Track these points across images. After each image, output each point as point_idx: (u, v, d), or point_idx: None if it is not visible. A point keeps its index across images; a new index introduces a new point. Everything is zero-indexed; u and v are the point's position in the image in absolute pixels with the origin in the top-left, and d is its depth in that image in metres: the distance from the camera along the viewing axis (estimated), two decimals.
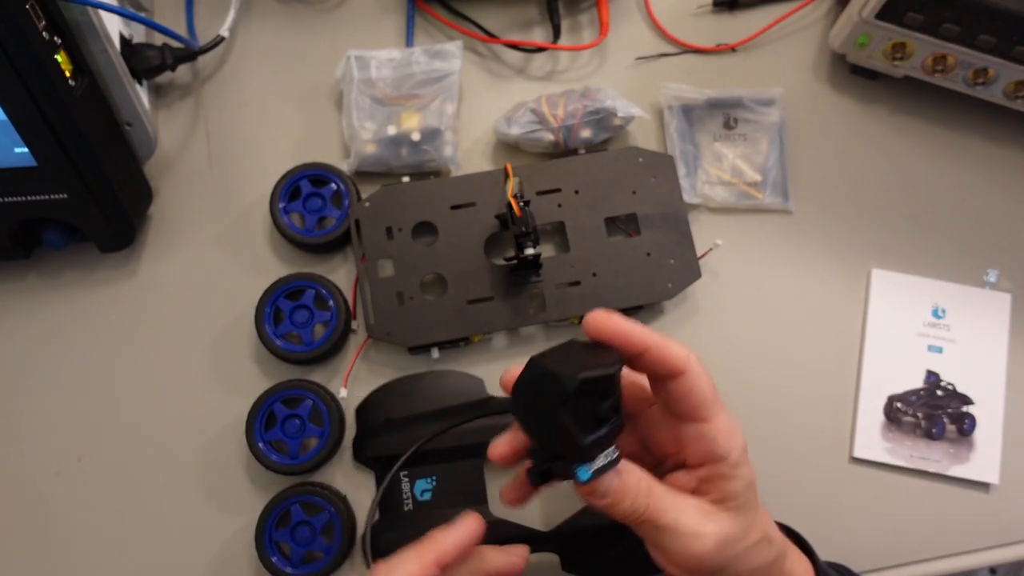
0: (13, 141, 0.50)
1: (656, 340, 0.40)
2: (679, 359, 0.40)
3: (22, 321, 0.61)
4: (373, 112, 0.61)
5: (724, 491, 0.40)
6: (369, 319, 0.58)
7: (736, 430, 0.41)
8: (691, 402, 0.40)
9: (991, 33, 0.57)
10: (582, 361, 0.36)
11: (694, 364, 0.40)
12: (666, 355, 0.40)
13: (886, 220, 0.64)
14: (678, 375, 0.40)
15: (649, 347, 0.40)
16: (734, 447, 0.40)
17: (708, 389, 0.40)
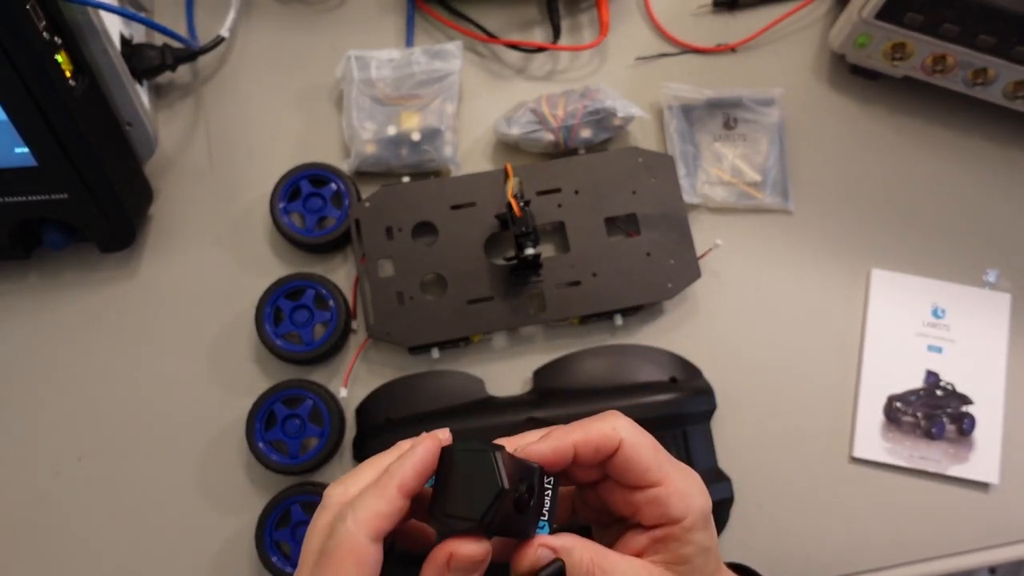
0: (13, 141, 0.50)
1: (576, 437, 0.38)
2: (605, 439, 0.38)
3: (22, 321, 0.61)
4: (373, 112, 0.61)
5: (676, 554, 0.39)
6: (369, 319, 0.58)
7: (694, 494, 0.39)
8: (634, 473, 0.39)
9: (991, 33, 0.57)
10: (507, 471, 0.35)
11: (625, 435, 0.39)
12: (593, 443, 0.38)
13: (886, 220, 0.64)
14: (613, 453, 0.39)
15: (575, 447, 0.38)
16: (690, 510, 0.38)
17: (648, 456, 0.39)
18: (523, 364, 0.60)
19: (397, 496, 0.36)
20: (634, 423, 0.40)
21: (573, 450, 0.38)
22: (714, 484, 0.57)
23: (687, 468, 0.40)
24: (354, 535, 0.35)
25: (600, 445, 0.38)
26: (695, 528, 0.38)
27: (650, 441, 0.39)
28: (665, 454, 0.39)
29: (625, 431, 0.39)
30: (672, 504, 0.38)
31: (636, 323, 0.61)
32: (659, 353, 0.60)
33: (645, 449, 0.39)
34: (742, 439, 0.59)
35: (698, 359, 0.60)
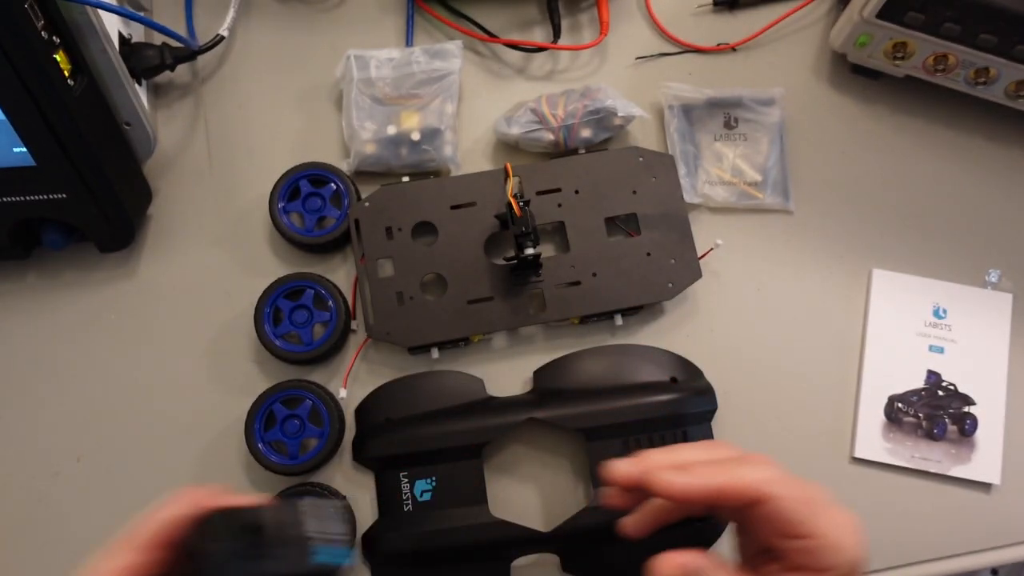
0: (12, 141, 0.50)
1: (722, 481, 0.38)
2: (750, 492, 0.38)
3: (21, 321, 0.61)
4: (373, 112, 0.61)
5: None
6: (369, 319, 0.58)
7: (846, 547, 0.38)
8: (781, 526, 0.38)
9: (992, 32, 0.56)
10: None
11: (775, 488, 0.38)
12: (739, 491, 0.38)
13: (887, 220, 0.64)
14: (757, 505, 0.38)
15: (720, 491, 0.38)
16: (836, 564, 0.38)
17: (798, 512, 0.38)
18: (523, 364, 0.60)
19: (132, 551, 0.35)
20: (786, 473, 0.38)
21: (717, 494, 0.38)
22: None
23: (844, 515, 0.39)
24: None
25: (745, 495, 0.38)
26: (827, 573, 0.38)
27: (802, 494, 0.38)
28: (821, 503, 0.38)
29: (776, 486, 0.38)
30: (821, 556, 0.38)
31: (636, 323, 0.61)
32: (659, 353, 0.60)
33: (796, 504, 0.38)
34: (743, 439, 0.59)
35: (698, 359, 0.60)
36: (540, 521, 0.57)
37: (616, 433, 0.56)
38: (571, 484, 0.58)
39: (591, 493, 0.56)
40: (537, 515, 0.58)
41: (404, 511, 0.56)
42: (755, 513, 0.38)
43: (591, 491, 0.56)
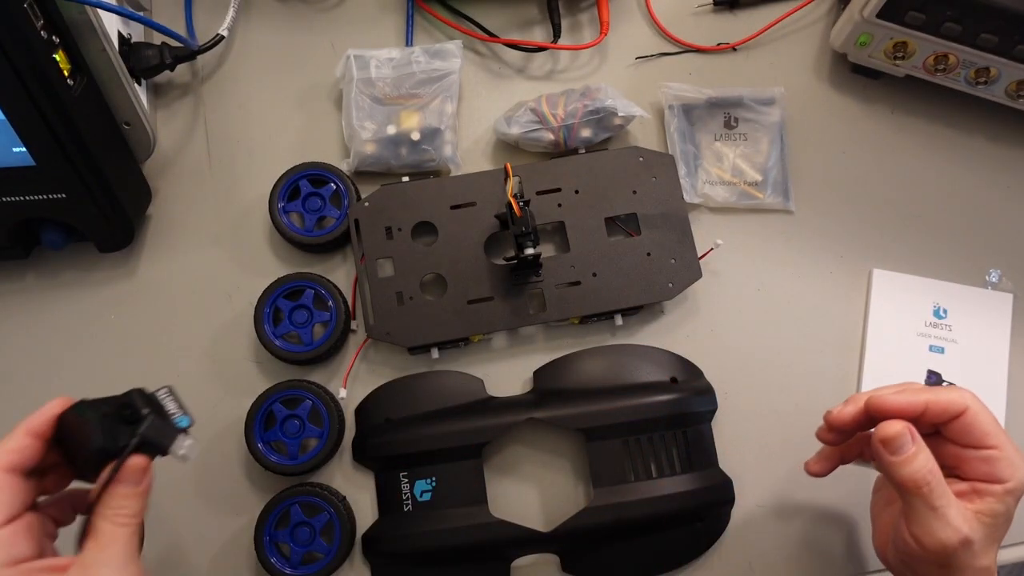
0: (11, 140, 0.50)
1: (928, 397, 0.46)
2: (956, 404, 0.46)
3: (21, 321, 0.61)
4: (373, 112, 0.61)
5: (988, 508, 0.45)
6: (369, 319, 0.58)
7: (1021, 464, 0.46)
8: (974, 435, 0.46)
9: (993, 32, 0.56)
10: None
11: (971, 402, 0.46)
12: (943, 404, 0.46)
13: (887, 220, 0.64)
14: (958, 416, 0.46)
15: (926, 405, 0.46)
16: (1015, 476, 0.45)
17: (990, 423, 0.46)
18: (523, 364, 0.60)
19: (22, 435, 0.43)
20: (977, 396, 0.47)
21: (925, 407, 0.46)
22: (714, 485, 0.57)
23: (1019, 447, 0.46)
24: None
25: (948, 408, 0.46)
26: (1012, 494, 0.45)
27: (991, 414, 0.47)
28: (1002, 427, 0.46)
29: (970, 399, 0.46)
30: (1001, 467, 0.45)
31: (636, 323, 0.61)
32: (660, 353, 0.60)
33: (988, 418, 0.46)
34: (743, 439, 0.59)
35: (699, 359, 0.60)
36: (540, 521, 0.57)
37: (616, 433, 0.56)
38: (571, 484, 0.58)
39: (591, 493, 0.56)
40: (537, 515, 0.58)
41: (404, 511, 0.56)
42: (953, 425, 0.46)
43: (591, 491, 0.56)
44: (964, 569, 0.45)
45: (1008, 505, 0.46)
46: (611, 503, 0.55)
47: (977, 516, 0.45)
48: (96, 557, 0.40)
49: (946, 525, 0.44)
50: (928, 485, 0.45)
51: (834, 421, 0.49)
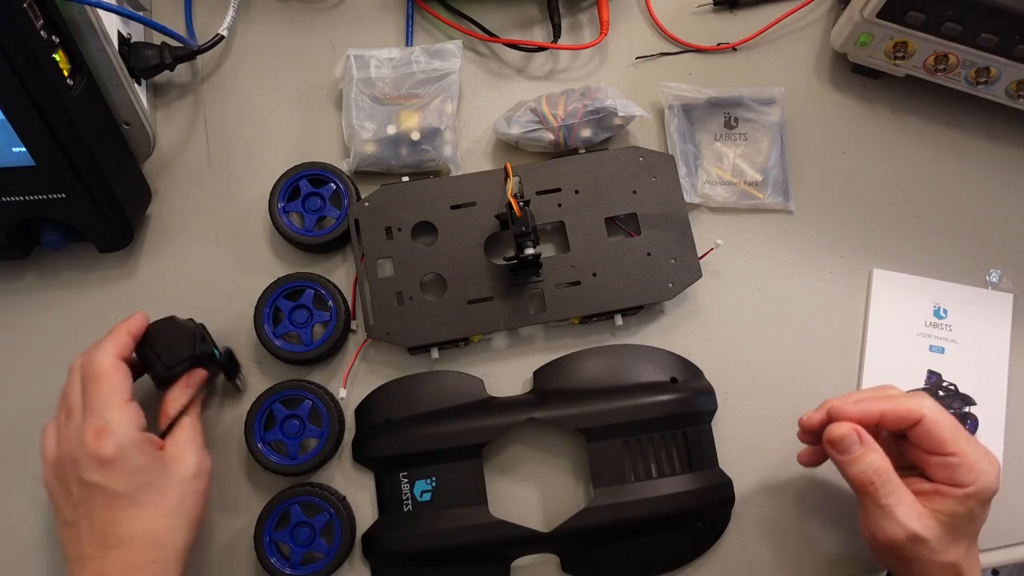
0: (11, 140, 0.50)
1: (885, 407, 0.50)
2: (912, 413, 0.49)
3: (20, 321, 0.61)
4: (373, 112, 0.61)
5: (947, 509, 0.48)
6: (369, 319, 0.58)
7: (985, 471, 0.48)
8: (932, 442, 0.49)
9: (993, 32, 0.56)
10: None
11: (928, 411, 0.49)
12: (899, 414, 0.49)
13: (887, 220, 0.64)
14: (916, 424, 0.49)
15: (882, 415, 0.50)
16: (975, 482, 0.48)
17: (948, 430, 0.49)
18: (523, 364, 0.60)
19: (125, 335, 0.53)
20: (937, 404, 0.50)
21: (880, 416, 0.50)
22: (714, 485, 0.57)
23: (989, 452, 0.49)
24: (106, 357, 0.51)
25: (905, 417, 0.49)
26: (974, 498, 0.48)
27: (951, 421, 0.49)
28: (965, 434, 0.49)
29: (928, 408, 0.49)
30: (961, 472, 0.48)
31: (636, 323, 0.61)
32: (660, 353, 0.60)
33: (944, 425, 0.49)
34: (743, 439, 0.59)
35: (698, 359, 0.60)
36: (540, 521, 0.57)
37: (616, 433, 0.56)
38: (571, 484, 0.58)
39: (591, 493, 0.56)
40: (537, 515, 0.58)
41: (404, 511, 0.56)
42: (913, 432, 0.49)
43: (591, 491, 0.56)
44: (923, 563, 0.49)
45: (969, 507, 0.48)
46: (611, 503, 0.55)
47: (935, 515, 0.48)
48: (185, 436, 0.52)
49: (893, 522, 0.48)
50: (873, 484, 0.49)
51: (804, 426, 0.53)
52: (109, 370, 0.50)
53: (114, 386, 0.50)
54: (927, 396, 0.50)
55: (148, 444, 0.50)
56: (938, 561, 0.48)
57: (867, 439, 0.50)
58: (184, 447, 0.52)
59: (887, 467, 0.49)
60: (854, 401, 0.51)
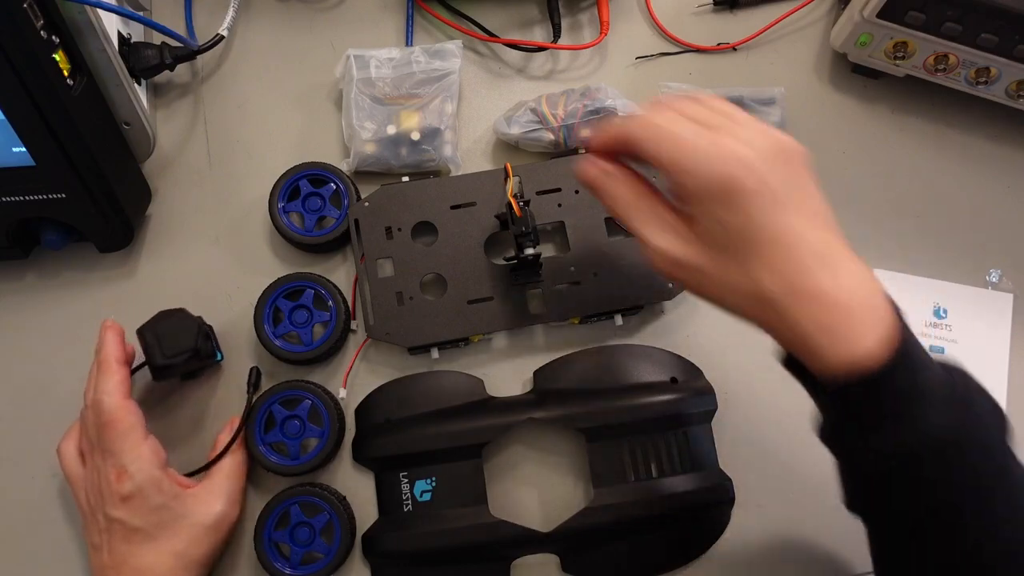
0: (11, 140, 0.50)
1: (611, 133, 0.46)
2: (621, 137, 0.45)
3: (20, 321, 0.61)
4: (373, 112, 0.61)
5: (701, 228, 0.43)
6: (369, 319, 0.58)
7: (695, 172, 0.42)
8: (649, 160, 0.44)
9: (993, 32, 0.56)
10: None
11: (634, 131, 0.44)
12: (617, 141, 0.45)
13: (887, 220, 0.64)
14: (635, 145, 0.44)
15: (613, 141, 0.46)
16: (693, 187, 0.42)
17: (648, 147, 0.43)
18: (523, 364, 0.60)
19: (118, 367, 0.53)
20: (653, 114, 0.44)
21: (614, 143, 0.46)
22: (714, 485, 0.57)
23: (701, 140, 0.42)
24: (114, 402, 0.51)
25: (622, 142, 0.45)
26: (698, 202, 0.42)
27: (651, 133, 0.43)
28: (668, 136, 0.42)
29: (635, 129, 0.44)
30: (677, 185, 0.43)
31: (636, 323, 0.61)
32: (660, 353, 0.60)
33: (646, 143, 0.43)
34: (743, 439, 0.59)
35: (698, 359, 0.60)
36: (540, 521, 0.57)
37: (616, 433, 0.56)
38: (571, 484, 0.58)
39: (591, 493, 0.56)
40: (537, 515, 0.58)
41: (404, 511, 0.56)
42: (641, 154, 0.44)
43: (591, 491, 0.56)
44: (703, 292, 0.45)
45: (709, 216, 0.42)
46: (611, 503, 0.55)
47: (696, 237, 0.43)
48: (218, 483, 0.54)
49: (652, 251, 0.45)
50: (620, 217, 0.46)
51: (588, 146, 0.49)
52: (120, 414, 0.51)
53: (127, 429, 0.51)
54: (660, 109, 0.44)
55: (167, 482, 0.52)
56: (723, 282, 0.43)
57: (608, 169, 0.46)
58: (212, 493, 0.54)
59: (628, 195, 0.45)
60: (602, 129, 0.47)
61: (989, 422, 0.42)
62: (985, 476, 0.41)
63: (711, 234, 0.43)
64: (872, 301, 0.41)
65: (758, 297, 0.42)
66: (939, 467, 0.40)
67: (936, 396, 0.41)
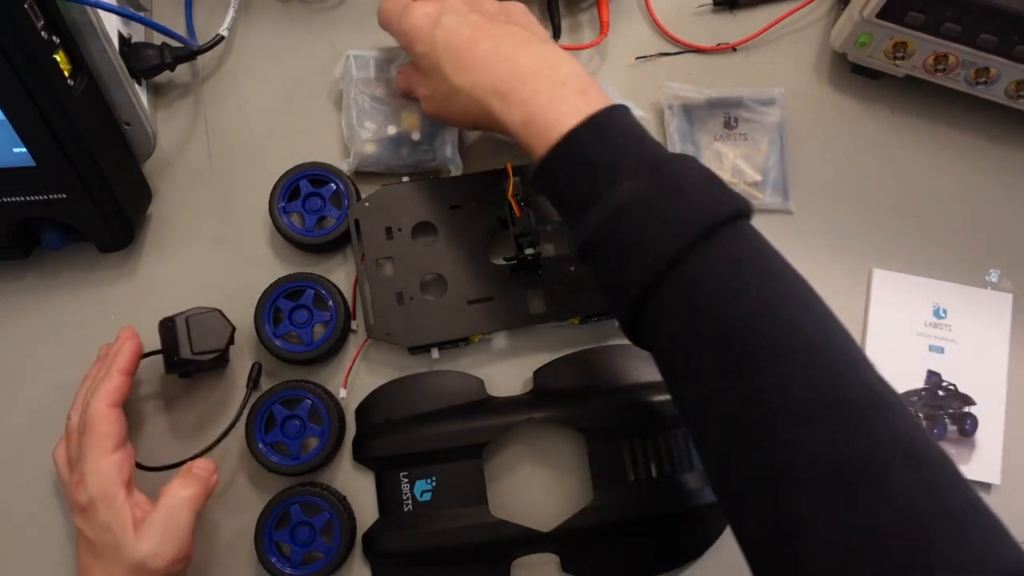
0: (12, 141, 0.50)
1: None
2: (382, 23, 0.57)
3: (20, 321, 0.61)
4: (373, 112, 0.61)
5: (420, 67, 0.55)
6: (369, 319, 0.58)
7: (415, 39, 0.53)
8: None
9: (992, 32, 0.56)
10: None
11: (381, 18, 0.57)
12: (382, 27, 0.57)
13: (887, 220, 0.64)
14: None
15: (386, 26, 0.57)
16: (418, 54, 0.54)
17: (390, 29, 0.57)
18: (523, 364, 0.60)
19: (119, 376, 0.52)
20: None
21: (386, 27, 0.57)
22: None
23: (415, 14, 0.54)
24: (98, 407, 0.51)
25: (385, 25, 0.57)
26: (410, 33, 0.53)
27: (387, 14, 0.57)
28: (394, 13, 0.56)
29: (382, 15, 0.57)
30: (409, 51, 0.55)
31: None
32: None
33: (388, 27, 0.57)
34: None
35: None
36: (540, 521, 0.57)
37: (616, 433, 0.56)
38: (571, 484, 0.58)
39: (591, 493, 0.56)
40: (537, 515, 0.58)
41: (404, 511, 0.56)
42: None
43: (591, 491, 0.56)
44: (442, 114, 0.55)
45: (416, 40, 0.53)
46: (611, 503, 0.55)
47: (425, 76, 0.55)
48: (158, 517, 0.50)
49: (422, 100, 0.57)
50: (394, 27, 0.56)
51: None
52: (96, 420, 0.51)
53: (98, 437, 0.50)
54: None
55: (120, 502, 0.49)
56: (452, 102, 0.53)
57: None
58: (146, 528, 0.49)
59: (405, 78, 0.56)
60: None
61: (695, 195, 0.43)
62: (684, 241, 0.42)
63: (421, 59, 0.54)
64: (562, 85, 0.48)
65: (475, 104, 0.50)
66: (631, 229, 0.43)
67: (629, 164, 0.44)
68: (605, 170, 0.44)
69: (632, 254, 0.43)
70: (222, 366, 0.59)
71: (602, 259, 0.45)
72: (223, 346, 0.55)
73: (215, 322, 0.56)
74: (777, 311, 0.41)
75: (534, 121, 0.47)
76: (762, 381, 0.39)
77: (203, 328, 0.55)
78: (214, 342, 0.55)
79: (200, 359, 0.55)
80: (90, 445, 0.50)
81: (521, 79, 0.48)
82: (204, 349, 0.55)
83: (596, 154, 0.45)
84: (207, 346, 0.55)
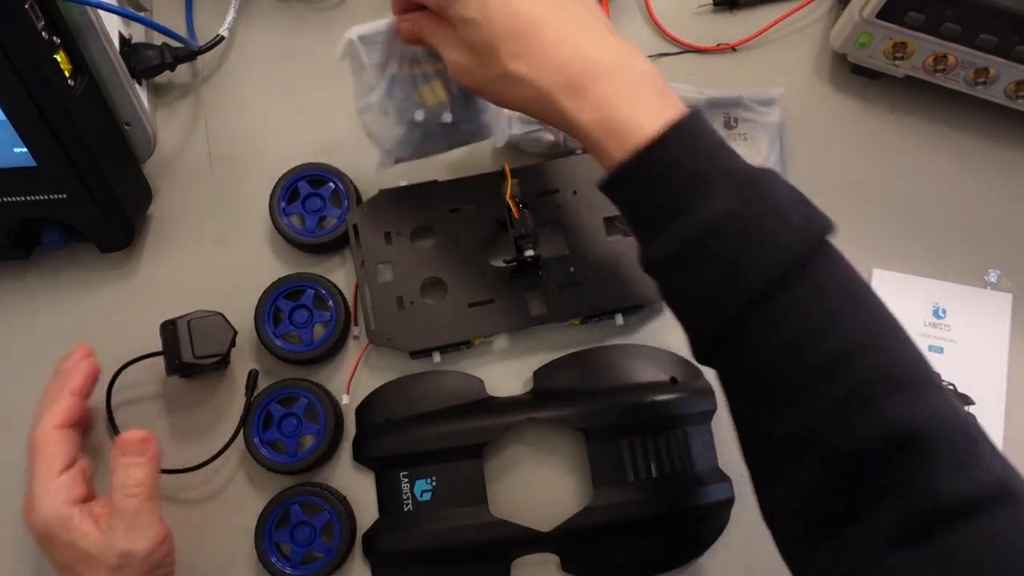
0: (12, 141, 0.50)
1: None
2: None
3: (21, 321, 0.61)
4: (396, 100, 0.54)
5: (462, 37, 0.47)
6: (370, 324, 0.58)
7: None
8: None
9: (992, 33, 0.56)
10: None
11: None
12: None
13: (887, 220, 0.64)
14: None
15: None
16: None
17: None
18: (523, 364, 0.60)
19: (70, 397, 0.52)
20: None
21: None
22: (714, 484, 0.57)
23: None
24: (44, 428, 0.51)
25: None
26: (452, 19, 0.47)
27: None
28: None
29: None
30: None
31: (636, 323, 0.61)
32: (660, 353, 0.60)
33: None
34: None
35: None
36: (540, 521, 0.57)
37: (616, 433, 0.56)
38: (571, 484, 0.59)
39: (591, 493, 0.56)
40: (537, 515, 0.58)
41: (404, 511, 0.56)
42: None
43: (591, 491, 0.56)
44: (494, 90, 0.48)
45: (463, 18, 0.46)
46: (611, 503, 0.55)
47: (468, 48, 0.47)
48: (111, 523, 0.49)
49: (448, 64, 0.49)
50: (432, 45, 0.50)
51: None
52: (43, 441, 0.50)
53: (46, 458, 0.50)
54: None
55: (77, 519, 0.49)
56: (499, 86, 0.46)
57: (413, 18, 0.50)
58: (109, 531, 0.49)
59: (432, 26, 0.49)
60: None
61: (788, 214, 0.41)
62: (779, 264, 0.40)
63: (469, 40, 0.46)
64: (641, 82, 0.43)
65: (516, 80, 0.45)
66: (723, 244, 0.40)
67: (720, 177, 0.40)
68: (695, 182, 0.41)
69: (726, 275, 0.40)
70: (223, 367, 0.59)
71: (687, 276, 0.41)
72: (224, 350, 0.56)
73: (217, 326, 0.56)
74: (880, 341, 0.42)
75: (611, 123, 0.42)
76: (889, 411, 0.39)
77: (205, 332, 0.56)
78: (215, 346, 0.56)
79: (201, 363, 0.55)
80: (37, 467, 0.50)
81: (595, 76, 0.43)
82: (205, 353, 0.55)
83: (685, 163, 0.41)
84: (208, 350, 0.55)
